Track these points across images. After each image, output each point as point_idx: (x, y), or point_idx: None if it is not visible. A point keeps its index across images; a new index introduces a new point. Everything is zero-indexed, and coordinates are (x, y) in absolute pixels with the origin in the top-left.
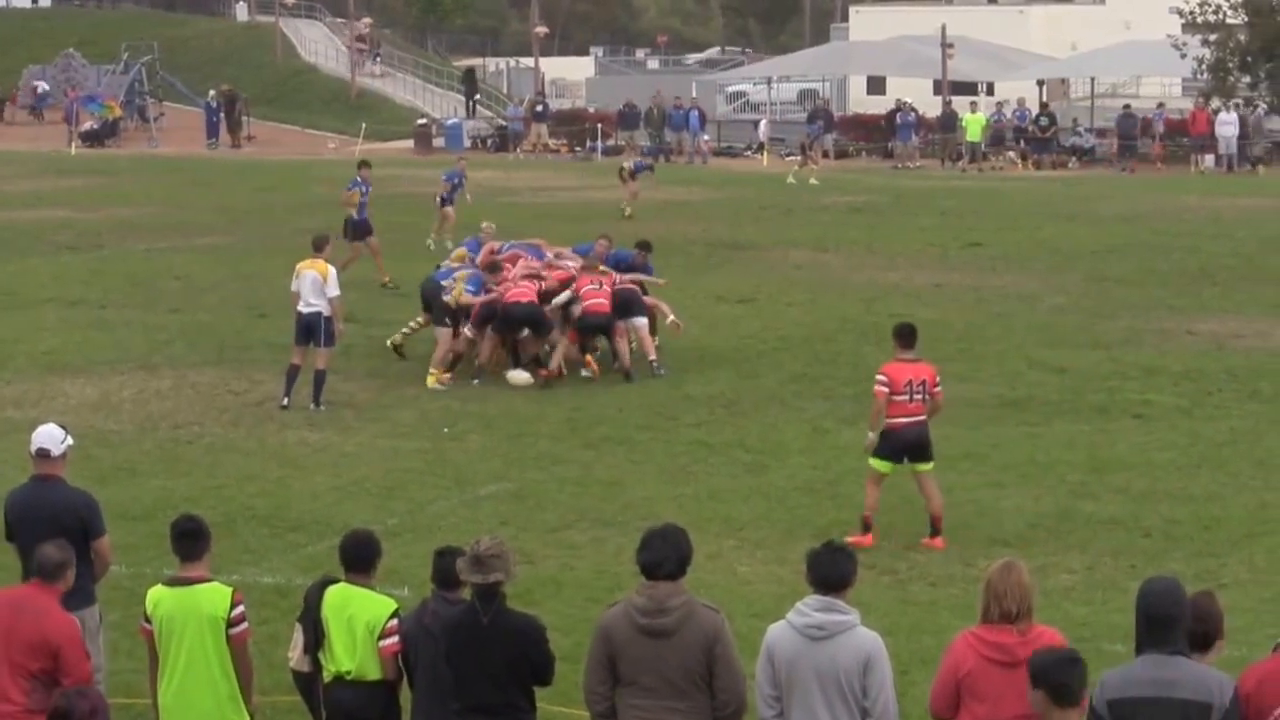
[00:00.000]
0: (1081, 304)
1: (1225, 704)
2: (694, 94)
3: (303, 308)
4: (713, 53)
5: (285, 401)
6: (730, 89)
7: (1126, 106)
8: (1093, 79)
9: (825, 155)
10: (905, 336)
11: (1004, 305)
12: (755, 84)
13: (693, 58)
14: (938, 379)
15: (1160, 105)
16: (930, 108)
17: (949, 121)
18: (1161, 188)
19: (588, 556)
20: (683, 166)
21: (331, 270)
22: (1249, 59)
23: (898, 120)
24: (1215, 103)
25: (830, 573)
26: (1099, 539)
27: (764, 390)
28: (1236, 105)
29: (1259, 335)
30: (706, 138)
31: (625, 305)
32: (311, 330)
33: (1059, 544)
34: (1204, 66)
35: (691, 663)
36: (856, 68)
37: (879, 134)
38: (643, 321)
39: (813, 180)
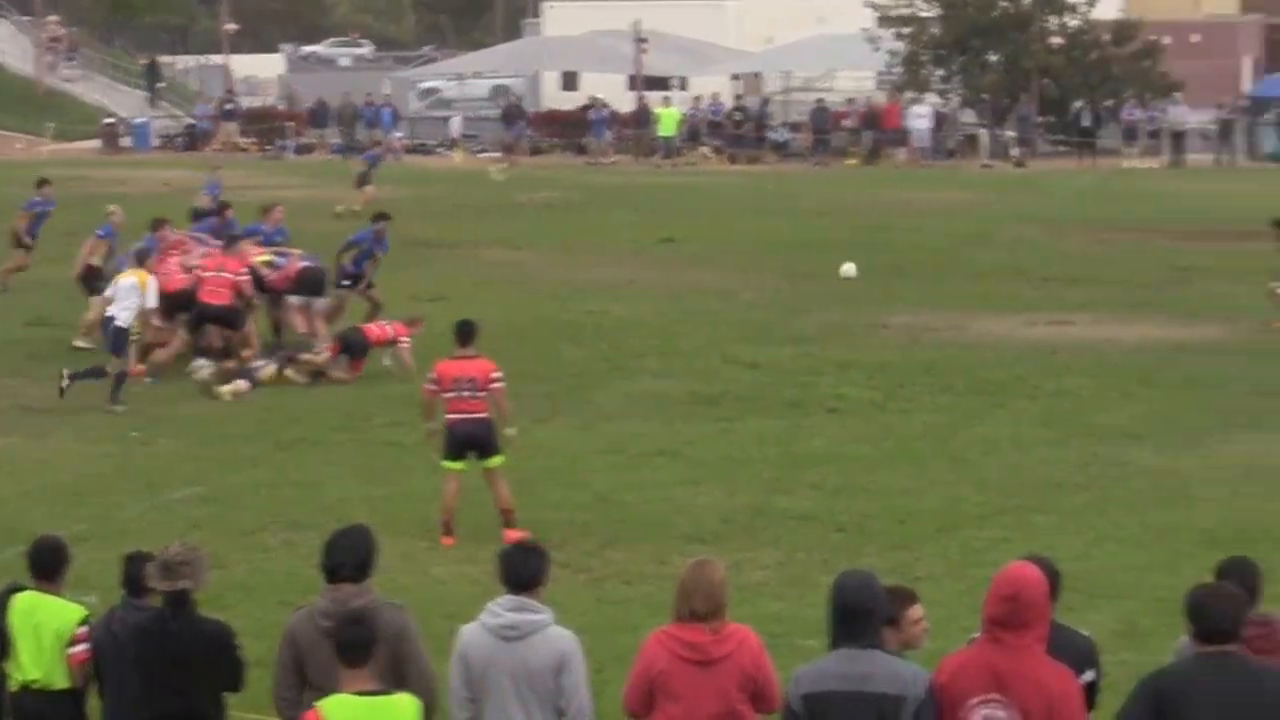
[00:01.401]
0: (776, 299)
1: (919, 696)
2: (386, 91)
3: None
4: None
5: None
6: (422, 85)
7: (820, 100)
8: (787, 72)
9: (519, 151)
10: (461, 334)
11: (698, 301)
12: (448, 80)
13: (388, 55)
14: (494, 375)
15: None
16: (624, 103)
17: (643, 117)
18: (855, 181)
19: (280, 559)
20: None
21: (152, 280)
22: (942, 52)
23: (591, 116)
24: (909, 96)
25: (521, 572)
26: (793, 534)
27: None
28: (941, 99)
29: (952, 329)
30: (399, 135)
31: (308, 284)
32: (115, 341)
33: (753, 539)
34: (898, 60)
35: (380, 664)
36: (549, 64)
37: (572, 130)
38: (323, 303)
39: (498, 176)
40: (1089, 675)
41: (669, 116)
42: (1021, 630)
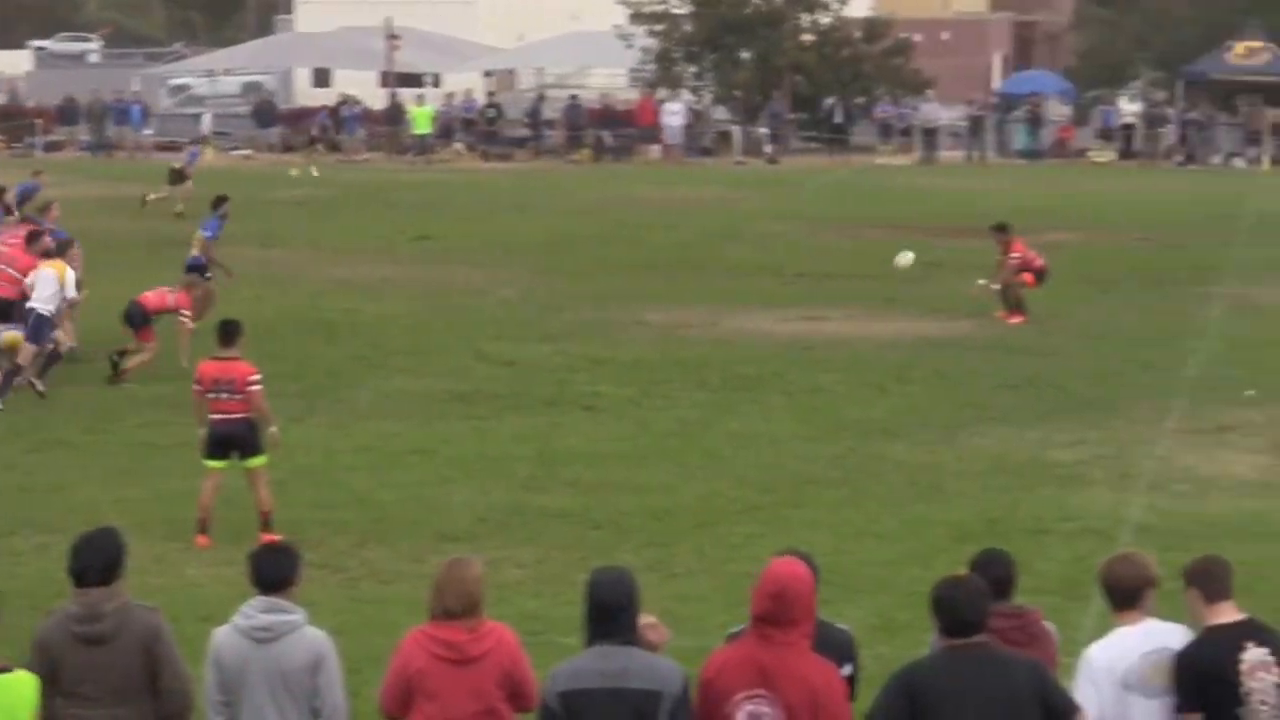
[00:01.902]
0: (530, 296)
1: (676, 692)
2: (136, 88)
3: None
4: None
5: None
6: (173, 82)
7: (573, 97)
8: (540, 69)
9: (269, 149)
10: (223, 335)
11: (453, 299)
12: (198, 77)
13: (138, 51)
14: (251, 379)
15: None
16: (377, 100)
17: (395, 114)
18: (609, 178)
19: (31, 564)
20: (124, 161)
21: (70, 272)
22: (694, 49)
23: (343, 113)
24: (662, 93)
25: (272, 573)
26: (549, 532)
27: None
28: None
29: (706, 325)
30: (149, 132)
31: None
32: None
33: (509, 538)
34: (650, 57)
35: (133, 666)
36: (301, 60)
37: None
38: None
39: (304, 171)
40: (847, 669)
41: (423, 115)
42: (788, 627)
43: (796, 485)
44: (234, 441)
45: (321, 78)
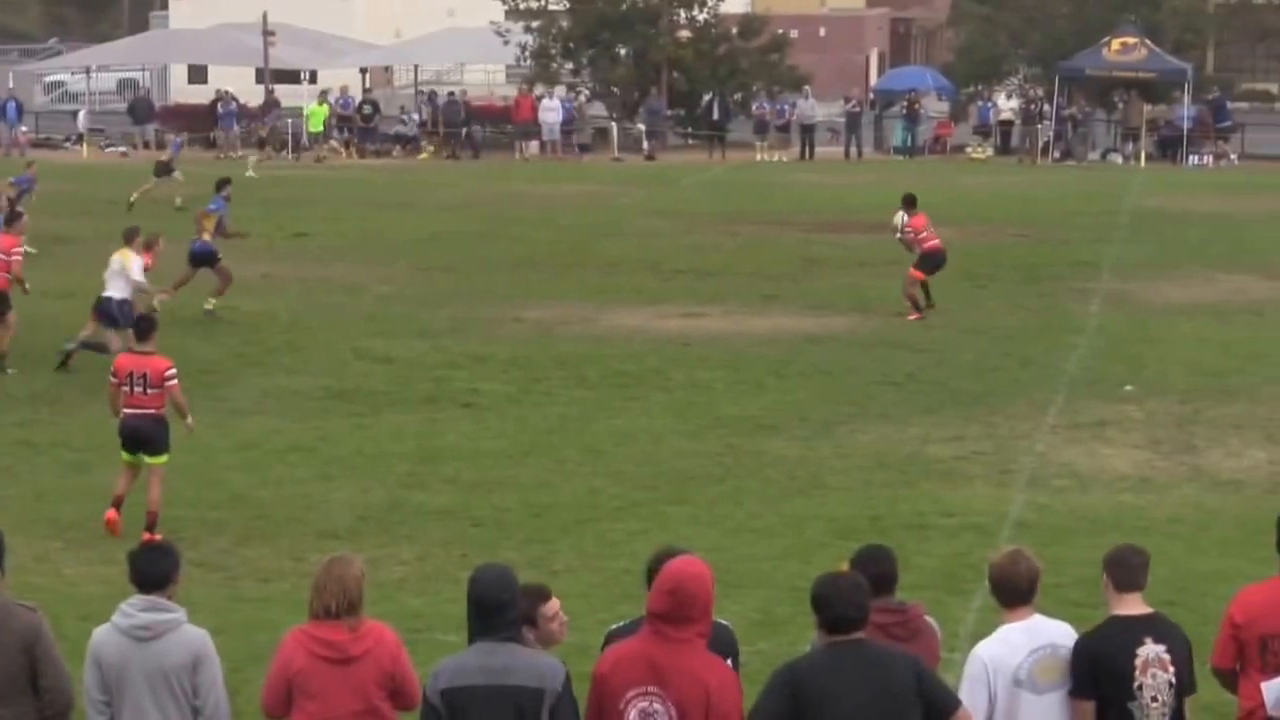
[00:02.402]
0: (408, 293)
1: (558, 689)
2: (10, 84)
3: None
4: None
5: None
6: (48, 79)
7: (451, 94)
8: (416, 66)
9: (146, 146)
10: (139, 330)
11: (331, 296)
12: (74, 74)
13: (13, 47)
14: (167, 373)
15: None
16: (253, 96)
17: (270, 110)
18: (488, 175)
19: None
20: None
21: (135, 258)
22: (572, 46)
23: (219, 110)
24: (539, 89)
25: (151, 572)
26: (430, 529)
27: (86, 386)
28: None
29: (584, 321)
30: (25, 129)
31: None
32: (105, 312)
33: (389, 536)
34: (527, 53)
35: (13, 666)
36: (177, 56)
37: (201, 124)
38: None
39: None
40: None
41: (317, 113)
42: (684, 624)
43: (676, 482)
44: (141, 436)
45: (198, 74)
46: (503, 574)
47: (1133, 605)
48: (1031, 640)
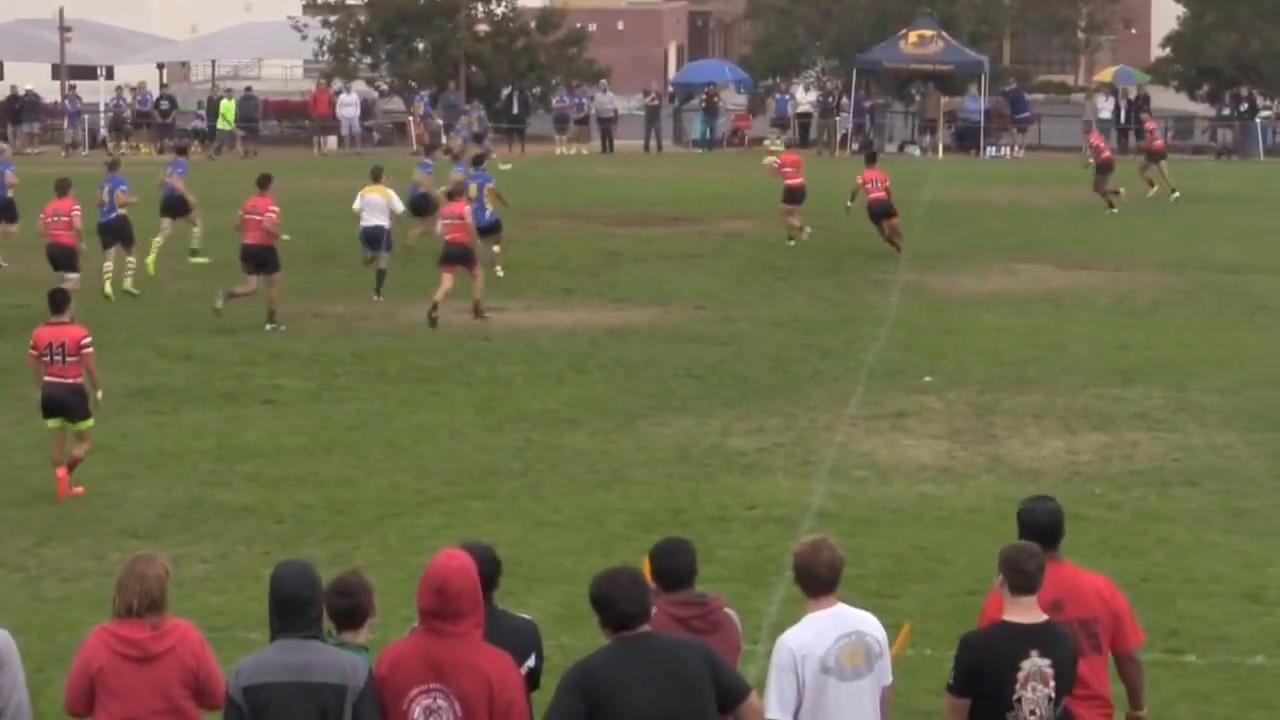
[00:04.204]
0: (207, 290)
1: (360, 685)
2: None
3: (365, 223)
4: None
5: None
6: None
7: (248, 89)
8: (214, 61)
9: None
10: (54, 302)
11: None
12: None
13: None
14: (84, 341)
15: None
16: (49, 92)
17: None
18: (283, 171)
19: None
20: None
21: (392, 193)
22: (369, 40)
23: (17, 108)
24: (337, 84)
25: None
26: (232, 527)
27: None
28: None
29: (384, 317)
30: None
31: None
32: (373, 240)
33: (192, 533)
34: (325, 48)
35: None
36: None
37: None
38: None
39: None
40: (531, 661)
41: (229, 108)
42: (456, 619)
43: (478, 476)
44: (63, 405)
45: None
46: (304, 571)
47: (1025, 611)
48: (837, 627)
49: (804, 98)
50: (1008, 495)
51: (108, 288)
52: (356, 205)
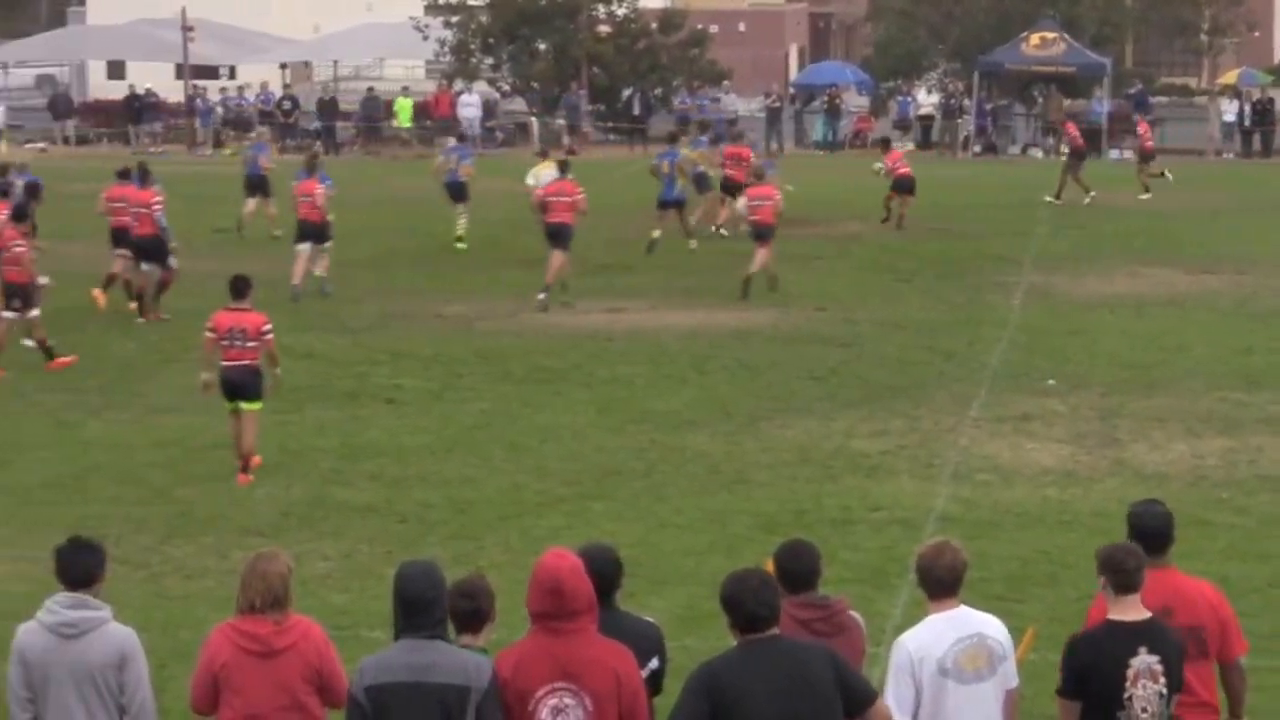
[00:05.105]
0: (329, 288)
1: (483, 686)
2: None
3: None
4: None
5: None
6: None
7: (370, 89)
8: (335, 61)
9: (65, 142)
10: (236, 288)
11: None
12: None
13: None
14: (264, 327)
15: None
16: (171, 92)
17: (193, 106)
18: (407, 171)
19: None
20: None
21: (553, 164)
22: (491, 41)
23: (137, 107)
24: (459, 85)
25: (77, 569)
26: (354, 525)
27: (3, 384)
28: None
29: (507, 316)
30: None
31: None
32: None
33: (314, 531)
34: (447, 48)
35: None
36: (95, 52)
37: (119, 119)
38: None
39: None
40: (654, 664)
41: (405, 107)
42: (574, 617)
43: (600, 477)
44: (240, 387)
45: (116, 70)
46: (429, 570)
47: (1129, 609)
48: (957, 630)
49: (926, 100)
50: (1132, 499)
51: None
52: (530, 179)
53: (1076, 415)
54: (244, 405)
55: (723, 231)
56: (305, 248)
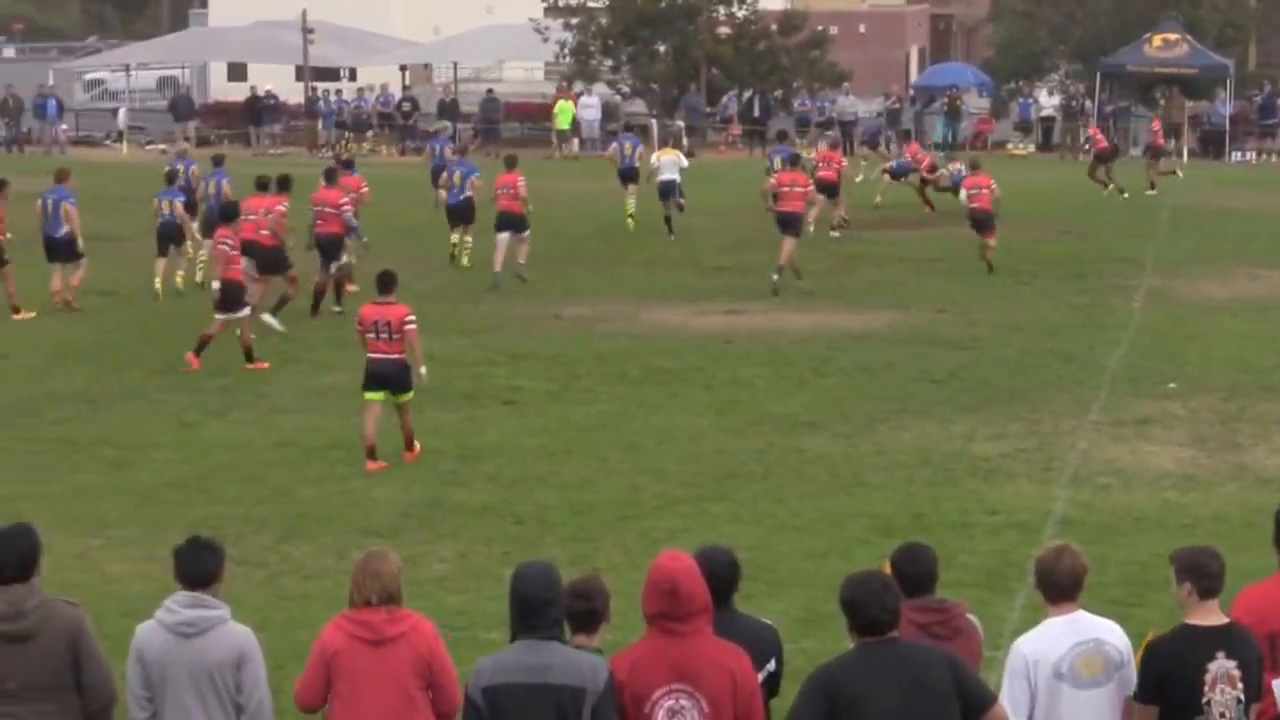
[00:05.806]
0: (446, 291)
1: (599, 688)
2: (50, 82)
3: (661, 177)
4: None
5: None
6: (88, 76)
7: (490, 91)
8: (455, 63)
9: (186, 143)
10: (382, 283)
11: (368, 293)
12: (113, 71)
13: (52, 45)
14: (407, 319)
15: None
16: (293, 94)
17: (313, 107)
18: (526, 172)
19: None
20: (39, 156)
21: (680, 153)
22: (610, 42)
23: (258, 109)
24: (579, 86)
25: (196, 568)
26: (471, 527)
27: (127, 384)
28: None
29: (624, 318)
30: (65, 126)
31: None
32: (668, 191)
33: (431, 532)
34: (566, 50)
35: (57, 662)
36: (216, 54)
37: (240, 121)
38: None
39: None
40: (771, 666)
41: (565, 111)
42: (690, 619)
43: (718, 479)
44: (388, 379)
45: (237, 72)
46: (546, 572)
47: (1208, 614)
48: (1074, 634)
49: (1047, 101)
50: (1253, 504)
51: (465, 260)
52: (654, 162)
53: (1197, 419)
54: (395, 398)
55: (834, 234)
56: (505, 236)
